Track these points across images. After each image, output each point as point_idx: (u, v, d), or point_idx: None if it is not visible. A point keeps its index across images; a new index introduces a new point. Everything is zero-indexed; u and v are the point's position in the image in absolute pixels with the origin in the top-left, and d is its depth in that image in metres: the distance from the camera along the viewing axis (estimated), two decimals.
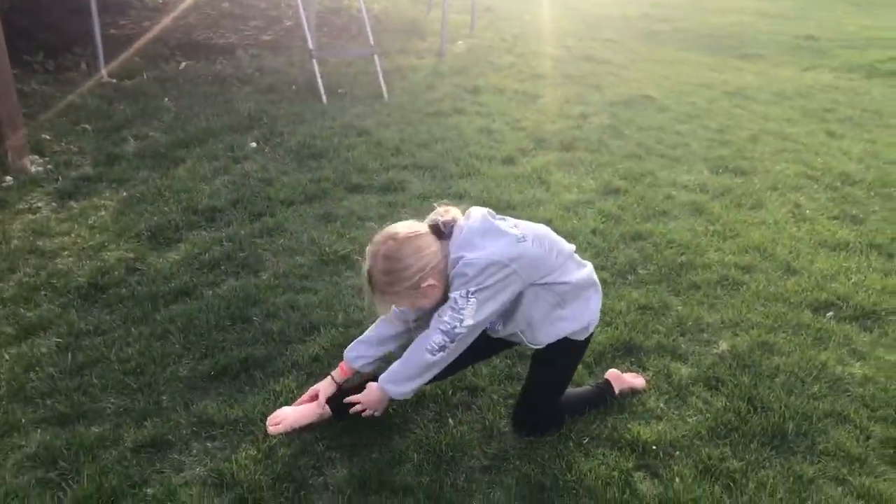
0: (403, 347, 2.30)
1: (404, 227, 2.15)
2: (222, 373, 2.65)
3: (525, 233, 2.17)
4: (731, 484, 2.22)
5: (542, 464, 2.28)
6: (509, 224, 2.19)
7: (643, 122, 6.26)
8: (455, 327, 2.11)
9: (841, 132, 6.44)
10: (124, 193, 4.24)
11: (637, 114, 6.53)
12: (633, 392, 2.65)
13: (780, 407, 2.55)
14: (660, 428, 2.45)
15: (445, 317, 2.12)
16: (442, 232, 2.16)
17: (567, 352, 2.37)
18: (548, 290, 2.22)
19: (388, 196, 4.34)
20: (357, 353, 2.41)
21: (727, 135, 6.04)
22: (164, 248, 3.61)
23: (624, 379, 2.65)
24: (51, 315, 3.01)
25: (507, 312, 2.23)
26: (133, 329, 2.90)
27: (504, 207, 4.16)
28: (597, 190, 4.59)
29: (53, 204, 4.10)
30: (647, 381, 2.70)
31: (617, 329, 3.00)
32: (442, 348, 2.15)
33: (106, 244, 3.63)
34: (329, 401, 2.38)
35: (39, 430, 2.35)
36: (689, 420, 2.50)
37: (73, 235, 3.72)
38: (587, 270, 2.37)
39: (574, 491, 2.17)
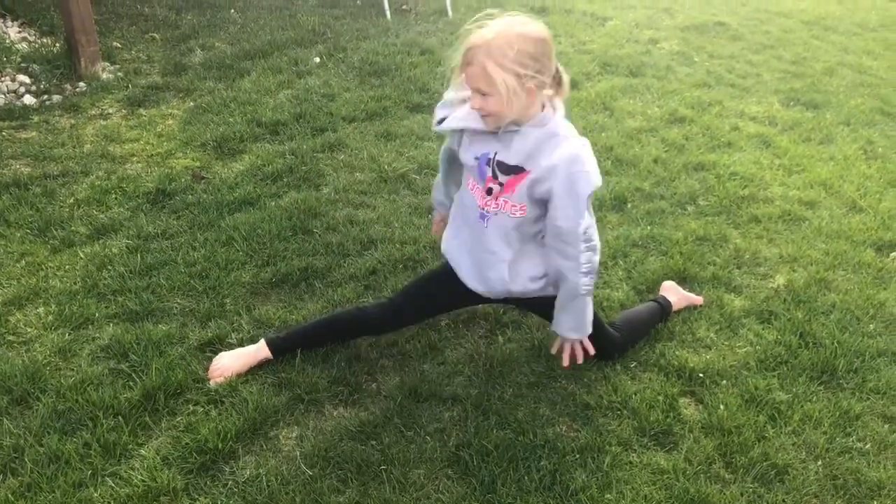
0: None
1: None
2: (283, 280, 2.74)
3: None
4: (776, 414, 2.24)
5: (588, 384, 2.33)
6: None
7: (715, 49, 6.06)
8: (591, 261, 2.06)
9: None
10: (191, 103, 4.32)
11: (709, 41, 6.31)
12: (692, 307, 2.70)
13: (833, 343, 2.54)
14: (708, 357, 2.48)
15: (581, 259, 2.04)
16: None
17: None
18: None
19: None
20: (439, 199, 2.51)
21: (802, 66, 5.81)
22: (228, 159, 3.70)
23: (680, 291, 2.70)
24: (121, 217, 3.13)
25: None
26: (199, 234, 3.01)
27: None
28: (662, 118, 4.50)
29: (123, 111, 4.21)
30: (704, 300, 2.76)
31: (672, 258, 2.99)
32: (590, 285, 2.11)
33: (173, 152, 3.73)
34: (269, 343, 2.34)
35: (111, 325, 2.49)
36: (739, 351, 2.52)
37: (141, 142, 3.83)
38: None
39: (618, 411, 2.23)
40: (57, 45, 4.86)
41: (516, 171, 2.05)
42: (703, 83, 5.20)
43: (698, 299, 2.74)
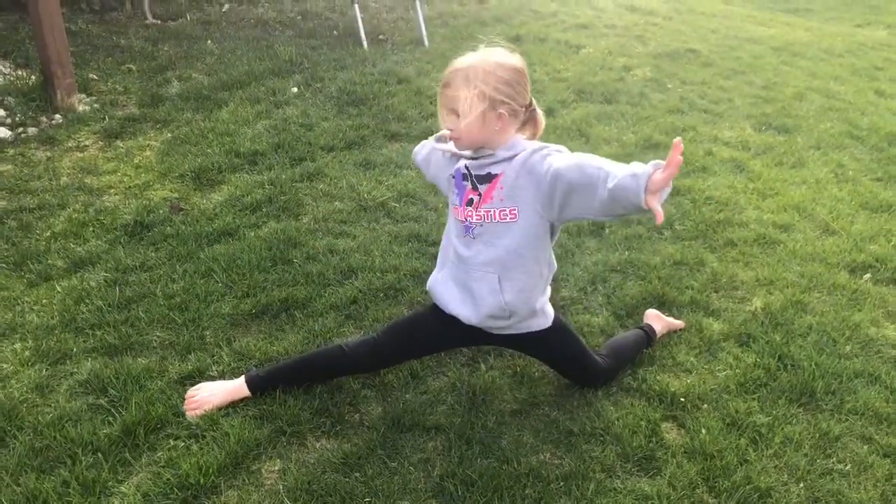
0: None
1: None
2: (263, 311, 2.73)
3: None
4: (758, 437, 2.26)
5: (571, 410, 2.33)
6: None
7: (687, 76, 6.16)
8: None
9: (891, 92, 6.28)
10: (168, 134, 4.31)
11: (681, 67, 6.42)
12: (673, 331, 2.74)
13: (811, 365, 2.57)
14: (689, 381, 2.49)
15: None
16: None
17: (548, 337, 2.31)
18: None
19: None
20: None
21: (772, 92, 5.93)
22: (207, 190, 3.69)
23: (664, 318, 2.73)
24: (99, 250, 3.11)
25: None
26: (178, 266, 2.99)
27: None
28: (637, 144, 4.56)
29: (100, 143, 4.19)
30: (685, 324, 2.78)
31: (650, 283, 3.02)
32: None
33: (151, 183, 3.72)
34: (248, 381, 2.31)
35: (90, 359, 2.46)
36: (719, 374, 2.54)
37: (119, 174, 3.82)
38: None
39: (601, 437, 2.23)
40: (32, 77, 4.84)
41: (489, 178, 2.09)
42: (676, 109, 5.29)
43: (680, 324, 2.77)
